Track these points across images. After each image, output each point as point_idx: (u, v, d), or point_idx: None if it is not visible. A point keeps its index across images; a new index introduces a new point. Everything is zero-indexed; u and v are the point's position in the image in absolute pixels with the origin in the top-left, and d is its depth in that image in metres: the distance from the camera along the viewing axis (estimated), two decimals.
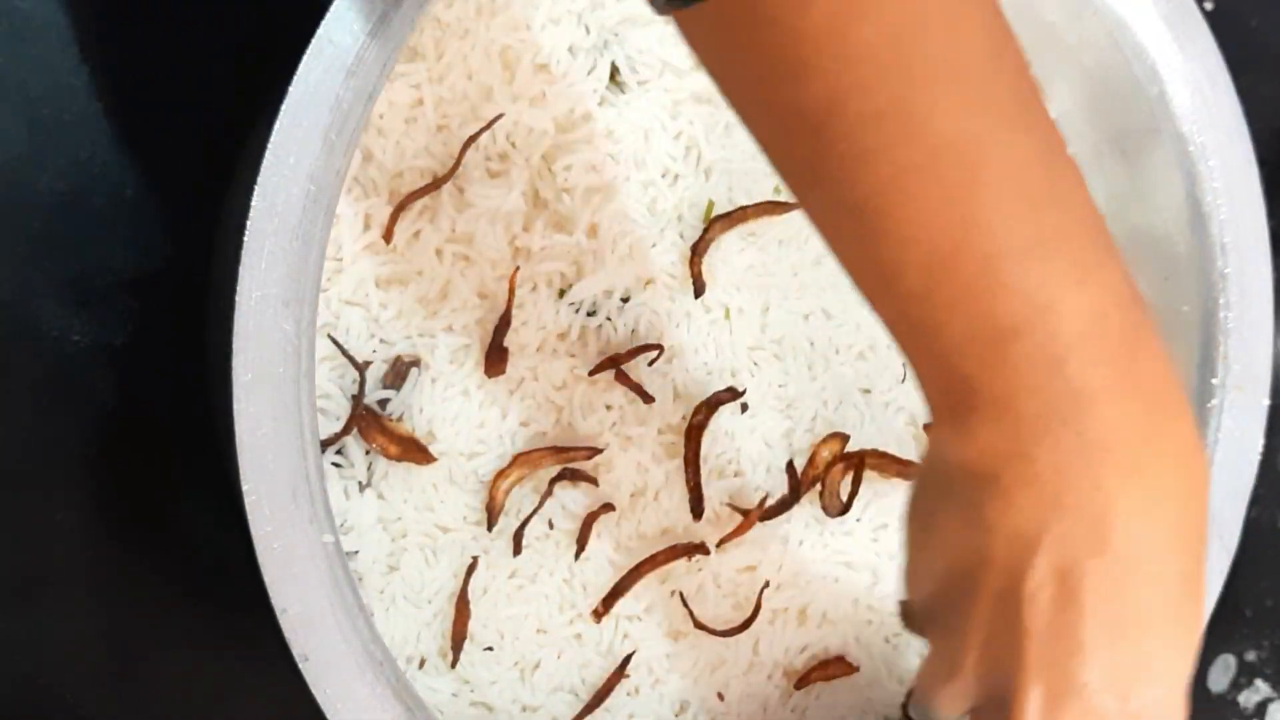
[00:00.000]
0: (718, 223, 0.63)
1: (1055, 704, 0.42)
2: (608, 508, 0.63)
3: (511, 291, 0.60)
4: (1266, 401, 0.68)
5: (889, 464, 0.67)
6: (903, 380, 0.68)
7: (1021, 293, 0.40)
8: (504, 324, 0.60)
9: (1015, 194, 0.41)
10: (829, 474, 0.66)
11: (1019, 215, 0.41)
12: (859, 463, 0.66)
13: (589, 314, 0.63)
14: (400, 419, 0.60)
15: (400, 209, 0.59)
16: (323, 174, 0.52)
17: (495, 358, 0.60)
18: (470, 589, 0.61)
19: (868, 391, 0.68)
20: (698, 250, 0.63)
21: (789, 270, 0.66)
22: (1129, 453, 0.41)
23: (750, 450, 0.66)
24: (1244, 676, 0.81)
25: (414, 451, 0.60)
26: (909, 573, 0.48)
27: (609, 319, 0.63)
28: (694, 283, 0.63)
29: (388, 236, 0.59)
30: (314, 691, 0.52)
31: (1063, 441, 0.41)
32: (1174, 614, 0.43)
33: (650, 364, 0.64)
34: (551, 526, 0.63)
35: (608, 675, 0.64)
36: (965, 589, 0.44)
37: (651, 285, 0.64)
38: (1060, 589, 0.42)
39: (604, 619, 0.64)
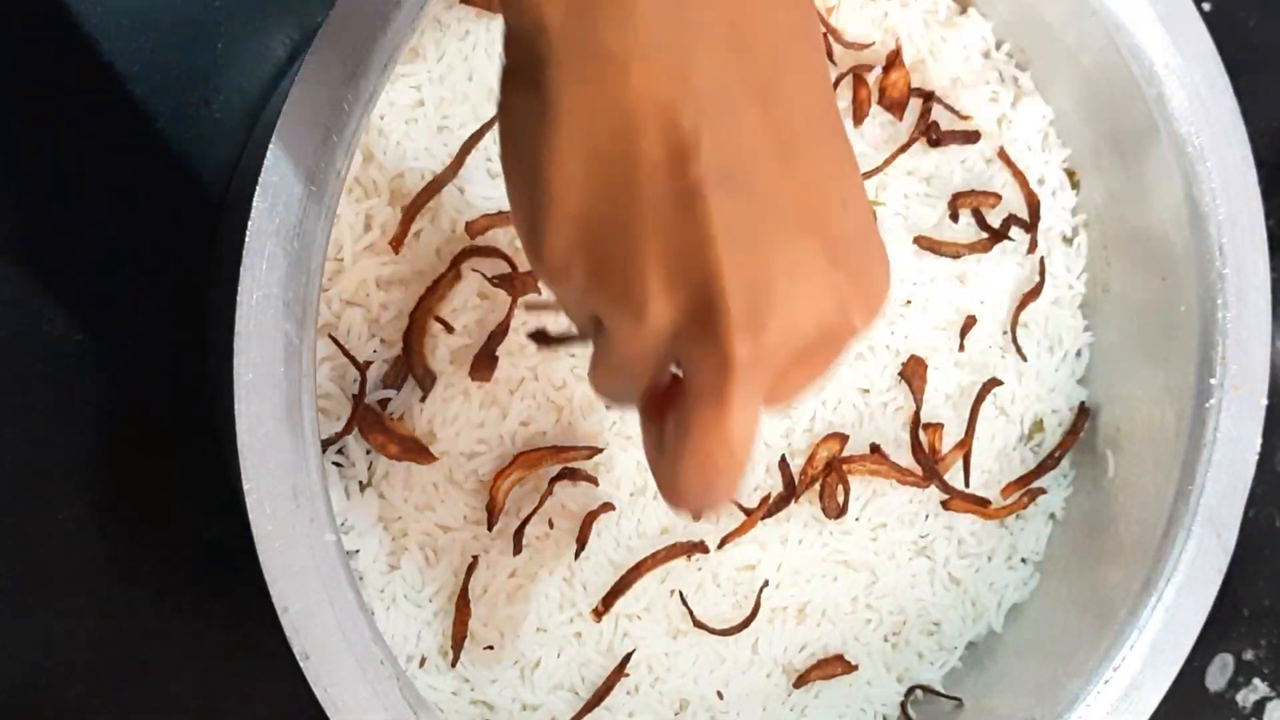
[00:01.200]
0: None
1: (755, 265, 0.35)
2: (607, 507, 0.63)
3: (513, 303, 0.60)
4: (1264, 401, 0.68)
5: (887, 466, 0.68)
6: (899, 381, 0.69)
7: None
8: (500, 332, 0.60)
9: None
10: (828, 475, 0.67)
11: None
12: (841, 469, 0.66)
13: None
14: (400, 419, 0.60)
15: (410, 217, 0.59)
16: (323, 174, 0.52)
17: (484, 363, 0.60)
18: (470, 588, 0.61)
19: (866, 391, 0.68)
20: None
21: None
22: None
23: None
24: (1241, 675, 0.81)
25: (414, 451, 0.60)
26: (534, 208, 0.37)
27: None
28: None
29: (397, 245, 0.59)
30: (315, 690, 0.52)
31: None
32: (830, 122, 0.37)
33: None
34: (551, 526, 0.63)
35: (608, 674, 0.64)
36: (617, 174, 0.35)
37: None
38: (720, 114, 0.34)
39: (604, 618, 0.64)
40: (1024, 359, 0.72)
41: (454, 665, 0.62)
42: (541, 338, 0.47)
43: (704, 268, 0.35)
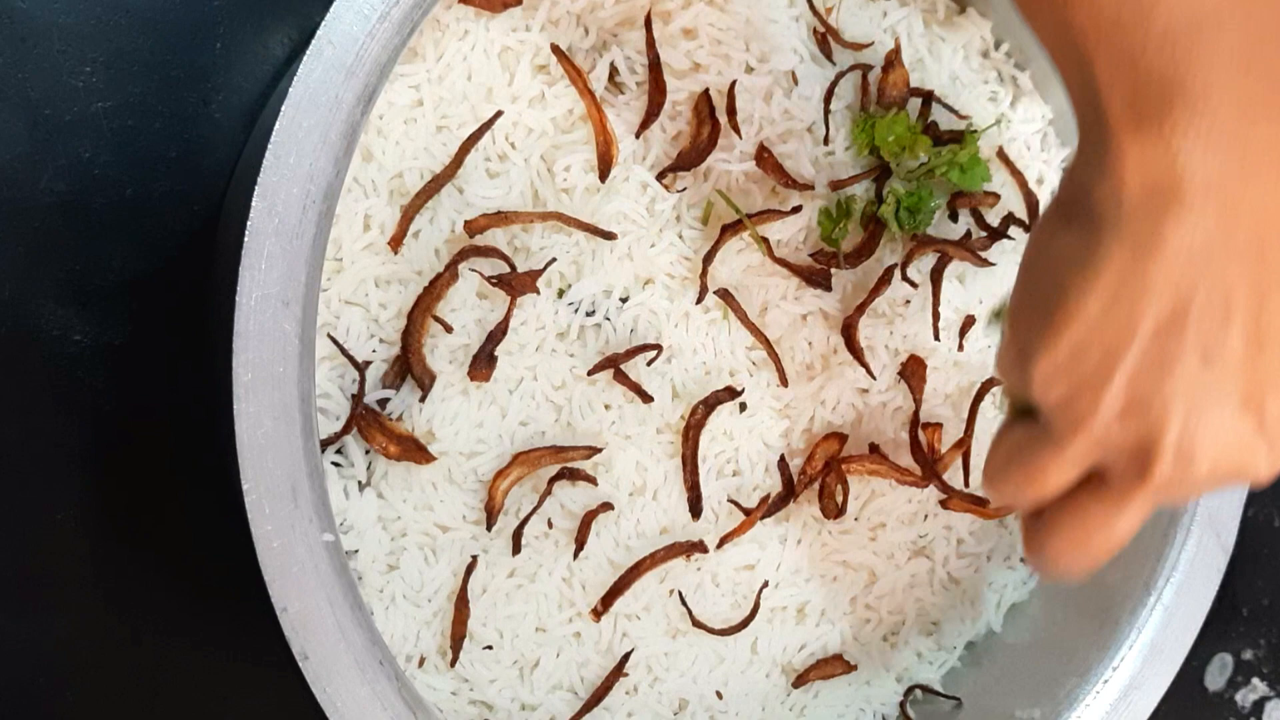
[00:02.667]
0: (727, 231, 0.64)
1: (1199, 422, 0.43)
2: (606, 506, 0.63)
3: (512, 303, 0.60)
4: None
5: (886, 466, 0.68)
6: (899, 380, 0.69)
7: None
8: (499, 332, 0.60)
9: None
10: (827, 474, 0.67)
11: None
12: (840, 469, 0.66)
13: (588, 313, 0.63)
14: (400, 419, 0.60)
15: (409, 216, 0.59)
16: (323, 174, 0.52)
17: (482, 364, 0.60)
18: (469, 588, 0.61)
19: (865, 391, 0.68)
20: (709, 259, 0.63)
21: (787, 271, 0.66)
22: None
23: (748, 450, 0.66)
24: (1241, 675, 0.81)
25: (414, 451, 0.60)
26: (1041, 324, 0.45)
27: (608, 318, 0.63)
28: (700, 291, 0.64)
29: (395, 245, 0.59)
30: (314, 690, 0.52)
31: (1253, 142, 0.41)
32: None
33: (649, 364, 0.64)
34: (551, 525, 0.63)
35: (607, 674, 0.64)
36: (1122, 327, 0.43)
37: (650, 285, 0.64)
38: (1220, 308, 0.42)
39: (603, 617, 0.64)
40: None
41: (453, 665, 0.62)
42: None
43: (1158, 417, 0.43)
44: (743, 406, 0.66)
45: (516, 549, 0.62)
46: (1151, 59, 0.41)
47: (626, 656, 0.64)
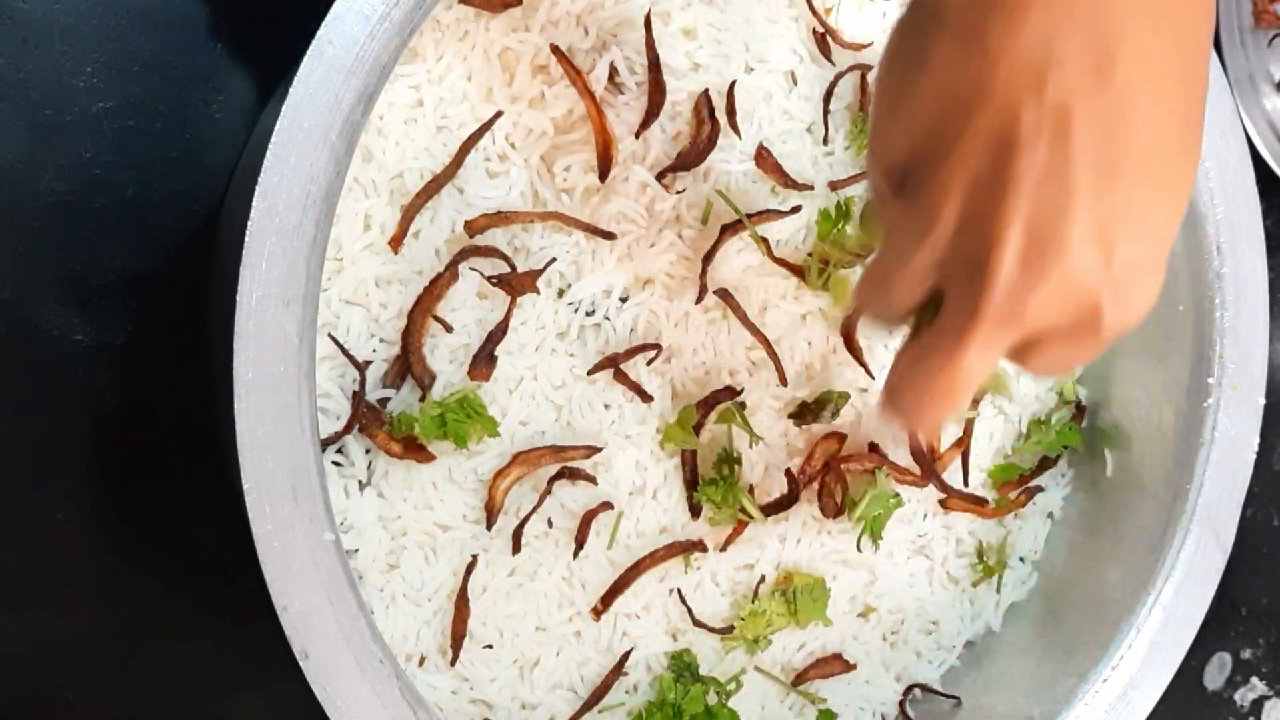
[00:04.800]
0: (727, 231, 0.64)
1: (1035, 259, 0.40)
2: (606, 506, 0.63)
3: (512, 303, 0.60)
4: (1262, 400, 0.68)
5: (885, 465, 0.68)
6: None
7: None
8: (499, 332, 0.60)
9: None
10: (826, 474, 0.67)
11: None
12: (839, 468, 0.66)
13: (588, 313, 0.63)
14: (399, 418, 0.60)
15: (409, 216, 0.59)
16: (323, 174, 0.52)
17: (483, 363, 0.60)
18: (470, 587, 0.61)
19: (865, 391, 0.68)
20: (708, 259, 0.63)
21: (786, 271, 0.66)
22: None
23: (748, 449, 0.66)
24: (1239, 674, 0.82)
25: (414, 450, 0.60)
26: (880, 129, 0.44)
27: (608, 318, 0.63)
28: (699, 291, 0.64)
29: (396, 244, 0.59)
30: (314, 689, 0.53)
31: None
32: (1167, 160, 0.41)
33: (649, 363, 0.64)
34: (550, 525, 0.63)
35: (606, 673, 0.64)
36: (950, 136, 0.41)
37: (650, 285, 0.64)
38: (1057, 128, 0.40)
39: (603, 616, 0.64)
40: None
41: (453, 664, 0.62)
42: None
43: (992, 231, 0.40)
44: (742, 406, 0.66)
45: (516, 548, 0.62)
46: None
47: (626, 655, 0.65)
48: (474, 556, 0.61)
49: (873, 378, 0.68)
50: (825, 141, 0.66)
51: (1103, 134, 0.40)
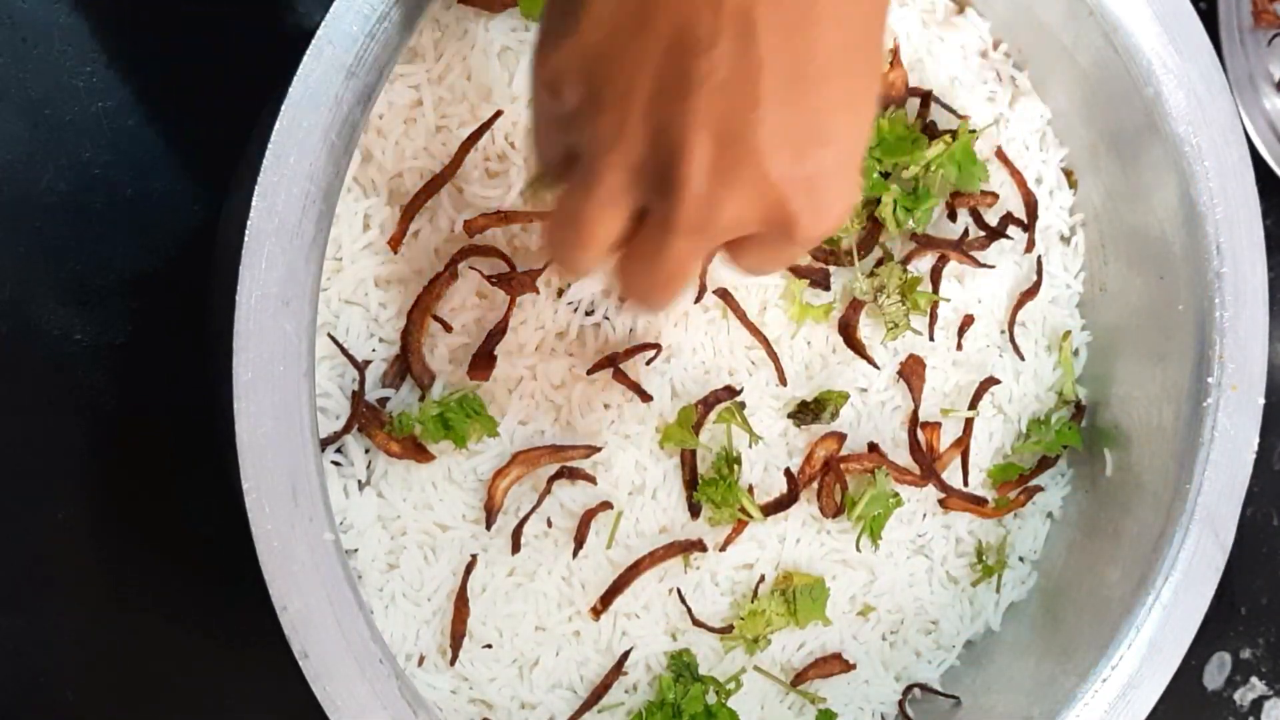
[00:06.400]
0: None
1: (725, 168, 0.40)
2: (606, 505, 0.63)
3: (512, 302, 0.60)
4: (1261, 400, 0.68)
5: (885, 465, 0.68)
6: (897, 380, 0.69)
7: None
8: (498, 331, 0.60)
9: None
10: (825, 474, 0.67)
11: None
12: (839, 468, 0.66)
13: (587, 313, 0.63)
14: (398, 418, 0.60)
15: (408, 216, 0.59)
16: (322, 174, 0.52)
17: (482, 363, 0.60)
18: (469, 587, 0.61)
19: (864, 390, 0.68)
20: (708, 258, 0.63)
21: (786, 270, 0.66)
22: None
23: (747, 449, 0.66)
24: (1239, 674, 0.82)
25: (413, 449, 0.60)
26: (548, 40, 0.42)
27: (607, 318, 0.63)
28: (699, 290, 0.64)
29: (395, 244, 0.59)
30: (314, 688, 0.53)
31: None
32: (852, 63, 0.40)
33: (648, 363, 0.64)
34: (550, 524, 0.63)
35: (606, 672, 0.64)
36: (625, 42, 0.39)
37: None
38: (736, 34, 0.38)
39: (602, 616, 0.64)
40: (1021, 358, 0.72)
41: (453, 664, 0.62)
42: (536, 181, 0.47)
43: (678, 140, 0.39)
44: (741, 405, 0.66)
45: (516, 548, 0.62)
46: None
47: (626, 655, 0.65)
48: (473, 556, 0.61)
49: (877, 368, 0.68)
50: None
51: (786, 38, 0.39)
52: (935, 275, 0.68)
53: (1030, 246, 0.71)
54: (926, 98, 0.68)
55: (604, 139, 0.41)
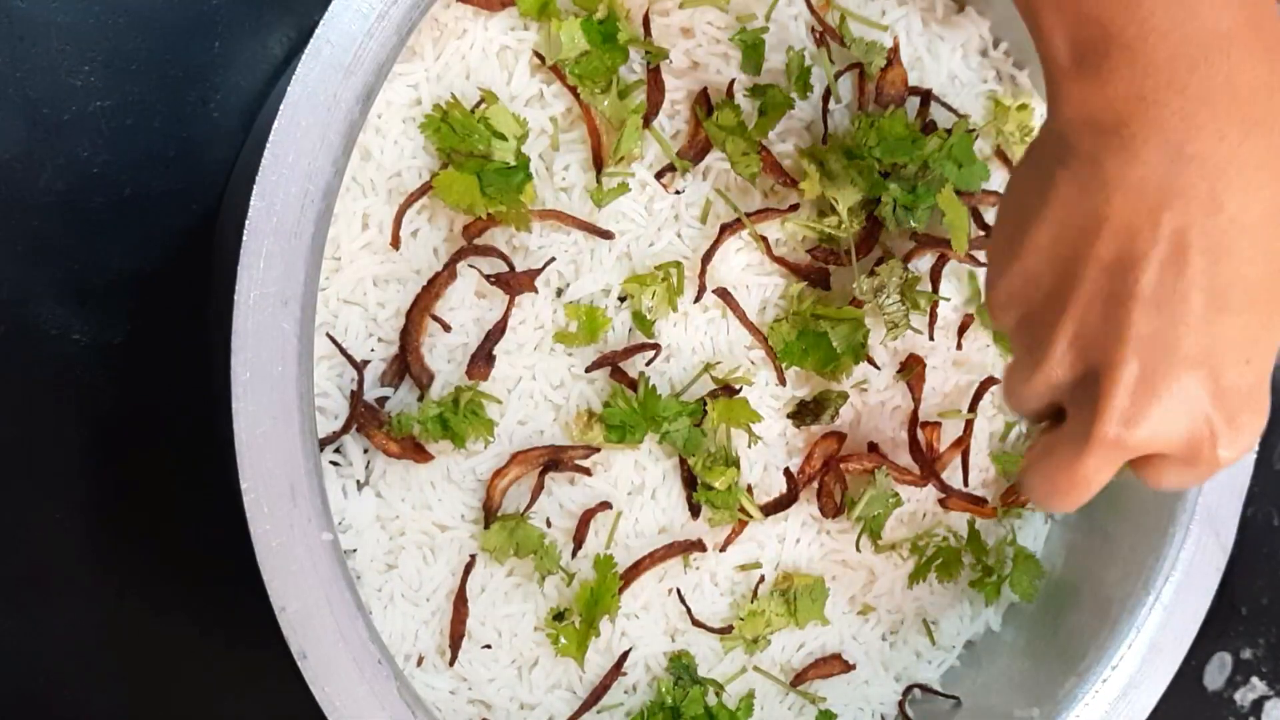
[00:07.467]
0: (726, 230, 0.64)
1: (1149, 378, 0.43)
2: (605, 506, 0.63)
3: (511, 302, 0.60)
4: None
5: (885, 465, 0.68)
6: (897, 380, 0.69)
7: None
8: (497, 331, 0.60)
9: None
10: (825, 473, 0.67)
11: None
12: (839, 468, 0.66)
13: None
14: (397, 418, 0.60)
15: (400, 214, 0.59)
16: (321, 173, 0.52)
17: (481, 362, 0.60)
18: (468, 587, 0.61)
19: (864, 390, 0.68)
20: (707, 258, 0.63)
21: (786, 270, 0.66)
22: (1255, 104, 0.42)
23: (747, 449, 0.66)
24: (1240, 674, 0.82)
25: (412, 449, 0.60)
26: (998, 266, 0.48)
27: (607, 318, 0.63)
28: (698, 290, 0.64)
29: (395, 242, 0.59)
30: (312, 689, 0.53)
31: (1190, 88, 0.41)
32: (1271, 291, 0.43)
33: (648, 363, 0.64)
34: (549, 524, 0.63)
35: (605, 673, 0.64)
36: (1070, 259, 0.44)
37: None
38: (1171, 255, 0.42)
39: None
40: None
41: (452, 664, 0.62)
42: None
43: (1106, 357, 0.44)
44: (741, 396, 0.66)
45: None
46: (1089, 4, 0.42)
47: (625, 655, 0.64)
48: (472, 556, 0.61)
49: (877, 368, 0.67)
50: (824, 141, 0.66)
51: (1214, 263, 0.42)
52: (935, 274, 0.68)
53: None
54: (926, 97, 0.68)
55: (1037, 353, 0.46)
